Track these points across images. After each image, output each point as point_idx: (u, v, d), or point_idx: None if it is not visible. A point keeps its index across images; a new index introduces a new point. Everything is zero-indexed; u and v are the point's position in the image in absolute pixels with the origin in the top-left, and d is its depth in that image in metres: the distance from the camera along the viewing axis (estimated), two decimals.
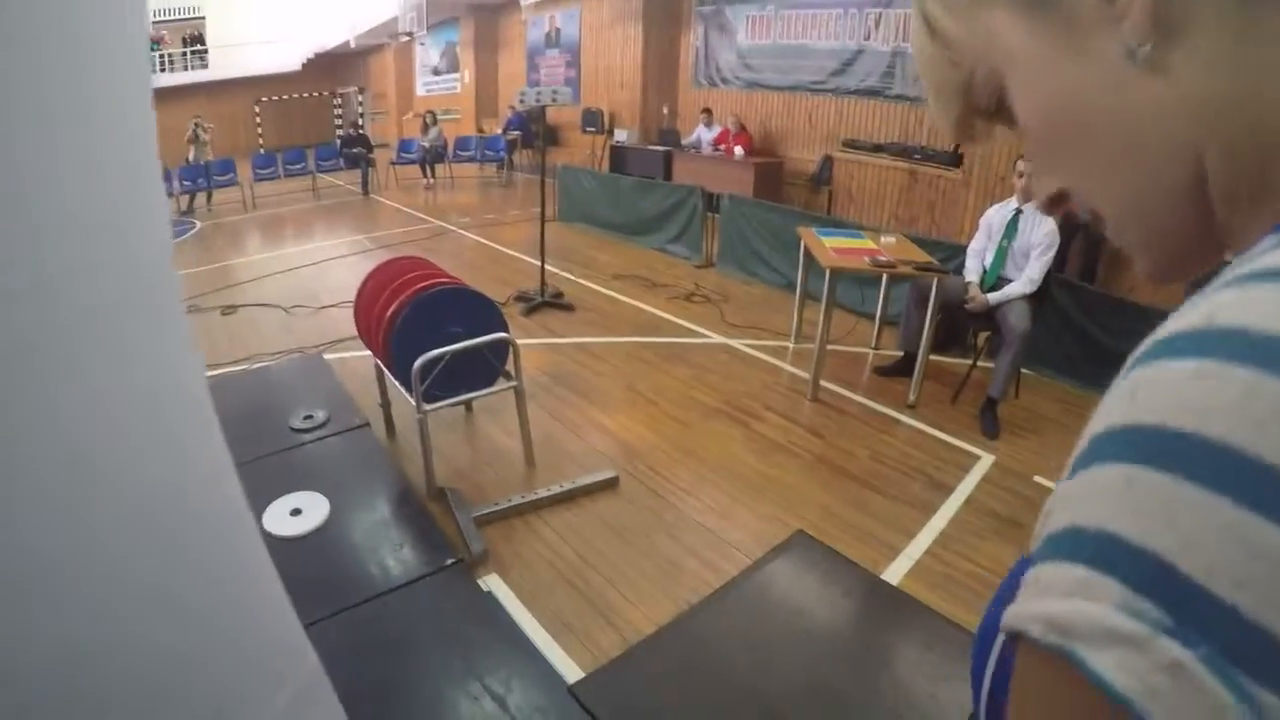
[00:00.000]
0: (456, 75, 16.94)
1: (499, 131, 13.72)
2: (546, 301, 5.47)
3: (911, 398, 4.30)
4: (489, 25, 15.70)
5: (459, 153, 13.28)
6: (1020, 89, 0.41)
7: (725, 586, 2.59)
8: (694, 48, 11.07)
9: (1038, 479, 3.67)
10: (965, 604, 2.68)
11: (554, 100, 5.35)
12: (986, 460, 3.81)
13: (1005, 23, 0.40)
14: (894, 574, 2.84)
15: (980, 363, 4.48)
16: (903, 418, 4.19)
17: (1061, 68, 0.38)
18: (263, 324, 5.40)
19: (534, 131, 13.12)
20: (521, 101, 5.42)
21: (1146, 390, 0.27)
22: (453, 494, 3.09)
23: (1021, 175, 4.27)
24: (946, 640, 2.30)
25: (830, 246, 4.53)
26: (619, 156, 10.91)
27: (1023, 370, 4.42)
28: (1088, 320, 4.92)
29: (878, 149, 8.69)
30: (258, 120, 19.55)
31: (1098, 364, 4.87)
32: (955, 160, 7.81)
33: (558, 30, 13.36)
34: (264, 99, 19.64)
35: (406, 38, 17.23)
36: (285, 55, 19.62)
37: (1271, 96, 0.32)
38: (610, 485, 3.25)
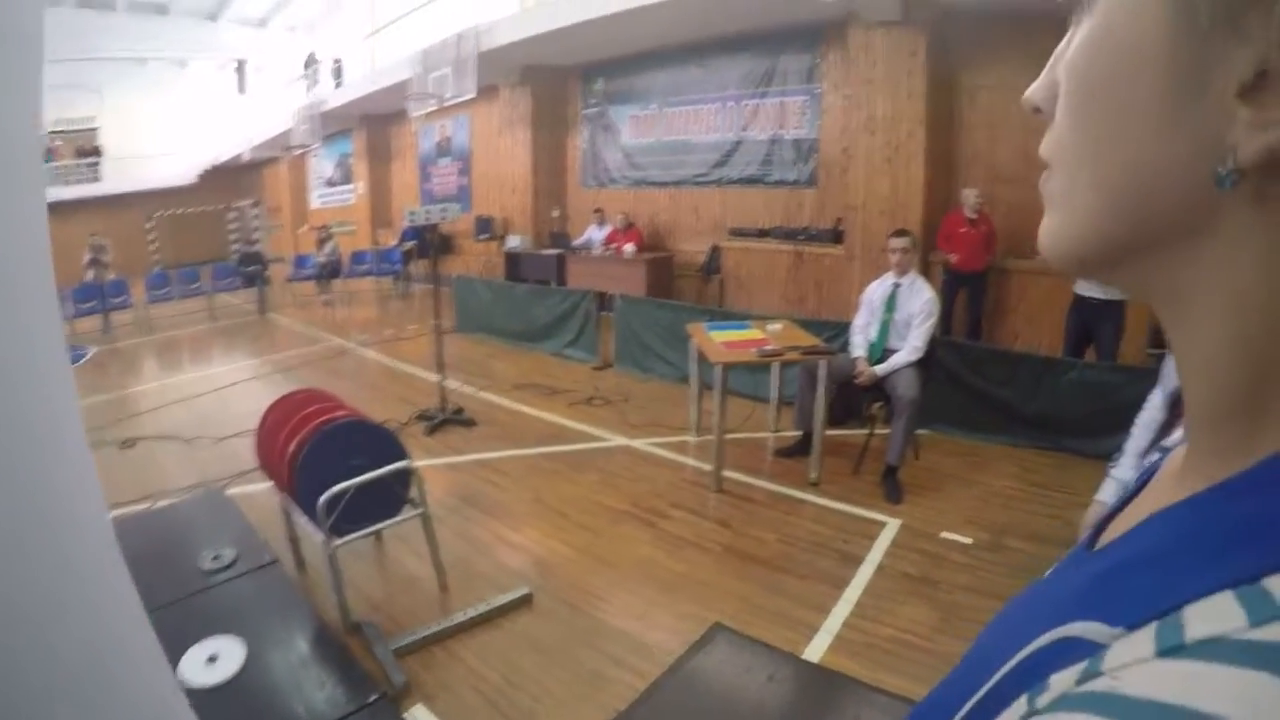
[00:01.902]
0: (351, 186, 16.98)
1: (395, 243, 13.72)
2: (448, 419, 5.46)
3: (813, 475, 4.42)
4: (381, 135, 15.87)
5: (356, 266, 13.21)
6: (1090, 26, 0.35)
7: (649, 689, 2.59)
8: (581, 149, 11.44)
9: (944, 535, 3.83)
10: (889, 668, 2.75)
11: (443, 216, 5.44)
12: (893, 525, 3.94)
13: None
14: (815, 651, 2.88)
15: (877, 430, 4.64)
16: (807, 496, 4.30)
17: (1146, 58, 0.32)
18: (164, 457, 5.23)
19: (429, 242, 13.31)
20: (412, 220, 5.48)
21: None
22: (370, 627, 3.03)
23: (895, 251, 4.55)
24: (874, 706, 2.37)
25: (719, 341, 4.69)
26: (513, 262, 11.03)
27: (918, 432, 4.60)
28: (974, 375, 5.23)
29: (763, 234, 9.04)
30: (152, 236, 18.98)
31: (989, 413, 5.17)
32: (837, 238, 8.21)
33: (448, 138, 13.64)
34: (159, 213, 19.17)
35: (301, 150, 17.32)
36: (181, 167, 19.59)
37: None
38: (526, 602, 3.23)
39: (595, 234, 10.36)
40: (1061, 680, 0.30)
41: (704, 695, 2.59)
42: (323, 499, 2.84)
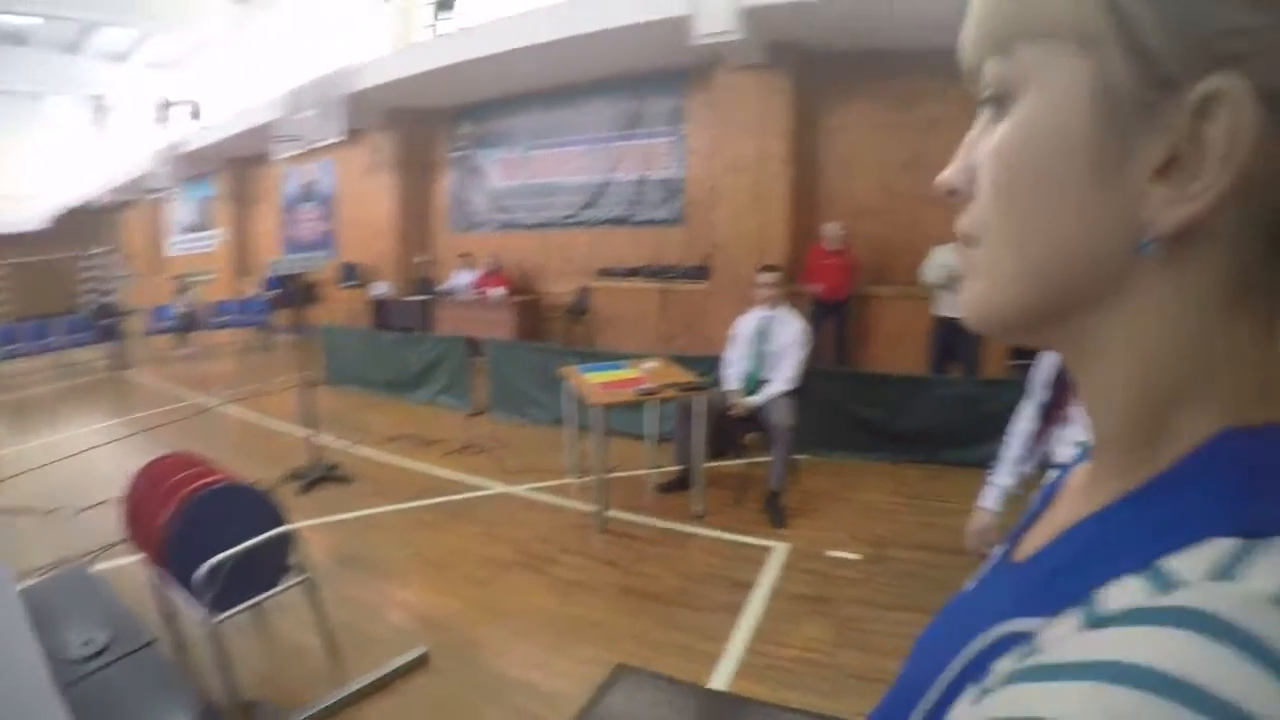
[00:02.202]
0: (212, 232, 16.05)
1: (257, 292, 13.04)
2: (322, 477, 5.17)
3: (697, 508, 4.41)
4: (244, 179, 15.09)
5: (217, 316, 12.51)
6: (1017, 118, 0.39)
7: None
8: (448, 193, 11.29)
9: (831, 553, 3.89)
10: (795, 686, 2.77)
11: (308, 266, 5.21)
12: (781, 549, 3.96)
13: (1064, 59, 0.37)
14: (721, 679, 2.85)
15: (755, 459, 4.70)
16: (693, 529, 4.28)
17: (1072, 149, 0.37)
18: (19, 533, 4.70)
19: (292, 291, 12.76)
20: (276, 270, 5.23)
21: None
22: (261, 707, 2.78)
23: (764, 287, 4.64)
24: None
25: (595, 382, 4.64)
26: (379, 310, 10.73)
27: (796, 457, 4.67)
28: (845, 398, 5.40)
29: (631, 273, 9.17)
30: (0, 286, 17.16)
31: (861, 433, 5.35)
32: (704, 275, 8.37)
33: (313, 183, 13.17)
34: (8, 260, 17.27)
35: (159, 193, 16.34)
36: (33, 211, 18.07)
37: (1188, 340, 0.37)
38: (422, 662, 3.04)
39: (462, 278, 10.20)
40: (1003, 665, 0.35)
41: None
42: (201, 571, 2.59)
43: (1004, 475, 2.19)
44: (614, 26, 7.22)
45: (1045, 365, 2.10)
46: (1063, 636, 0.32)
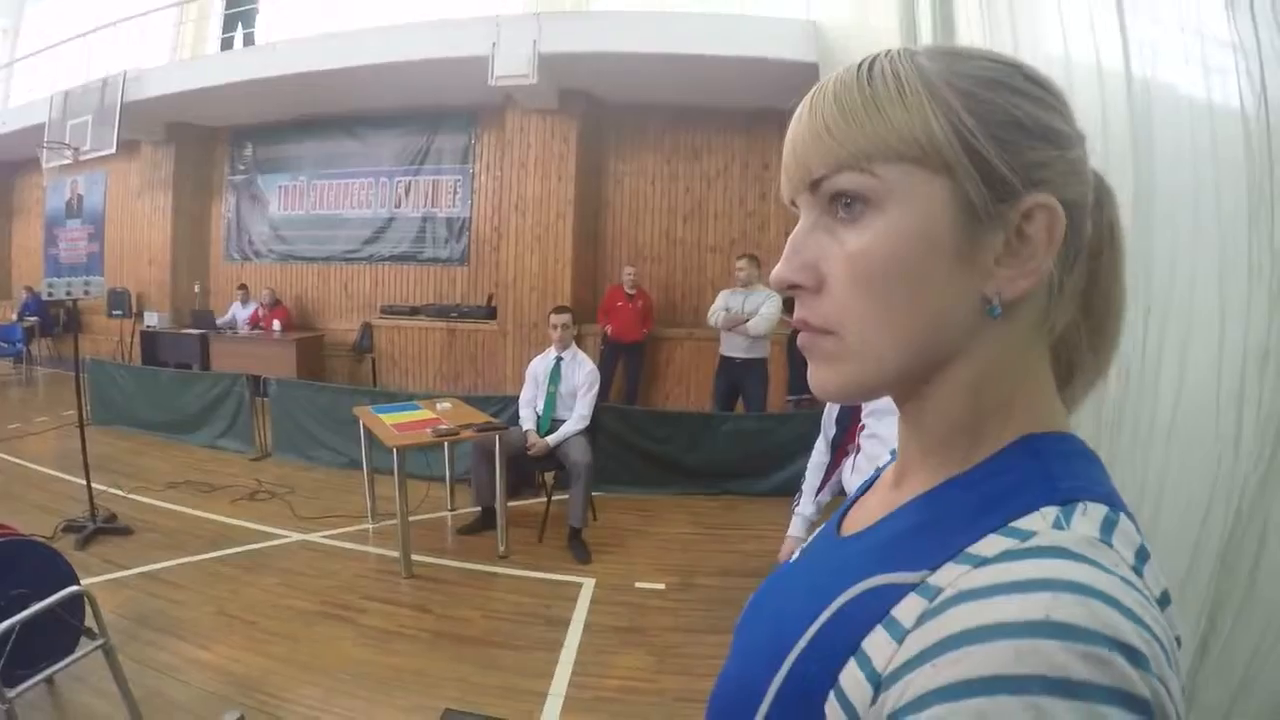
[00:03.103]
0: None
1: (14, 318, 11.40)
2: (100, 528, 4.63)
3: (501, 549, 4.42)
4: (4, 187, 12.84)
5: None
6: (886, 224, 0.49)
7: None
8: (226, 219, 10.44)
9: (639, 584, 4.05)
10: (623, 715, 2.89)
11: (86, 292, 4.67)
12: (589, 584, 4.06)
13: (922, 178, 0.48)
14: (550, 716, 2.89)
15: (555, 496, 4.77)
16: (499, 569, 4.28)
17: (939, 247, 0.48)
18: None
19: (54, 317, 11.23)
20: (50, 294, 4.65)
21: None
22: None
23: (556, 328, 4.75)
24: None
25: (390, 424, 4.54)
26: (151, 343, 9.67)
27: (595, 493, 4.78)
28: (638, 435, 5.59)
29: (415, 311, 8.97)
30: None
31: (655, 469, 5.56)
32: (490, 314, 8.38)
33: (80, 198, 11.58)
34: None
35: None
36: None
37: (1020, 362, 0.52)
38: None
39: (239, 312, 9.50)
40: (906, 609, 0.45)
41: None
42: None
43: (806, 505, 2.40)
44: (415, 59, 7.13)
45: (833, 406, 2.34)
46: (962, 574, 0.43)
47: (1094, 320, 0.56)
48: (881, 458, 1.98)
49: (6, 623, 2.30)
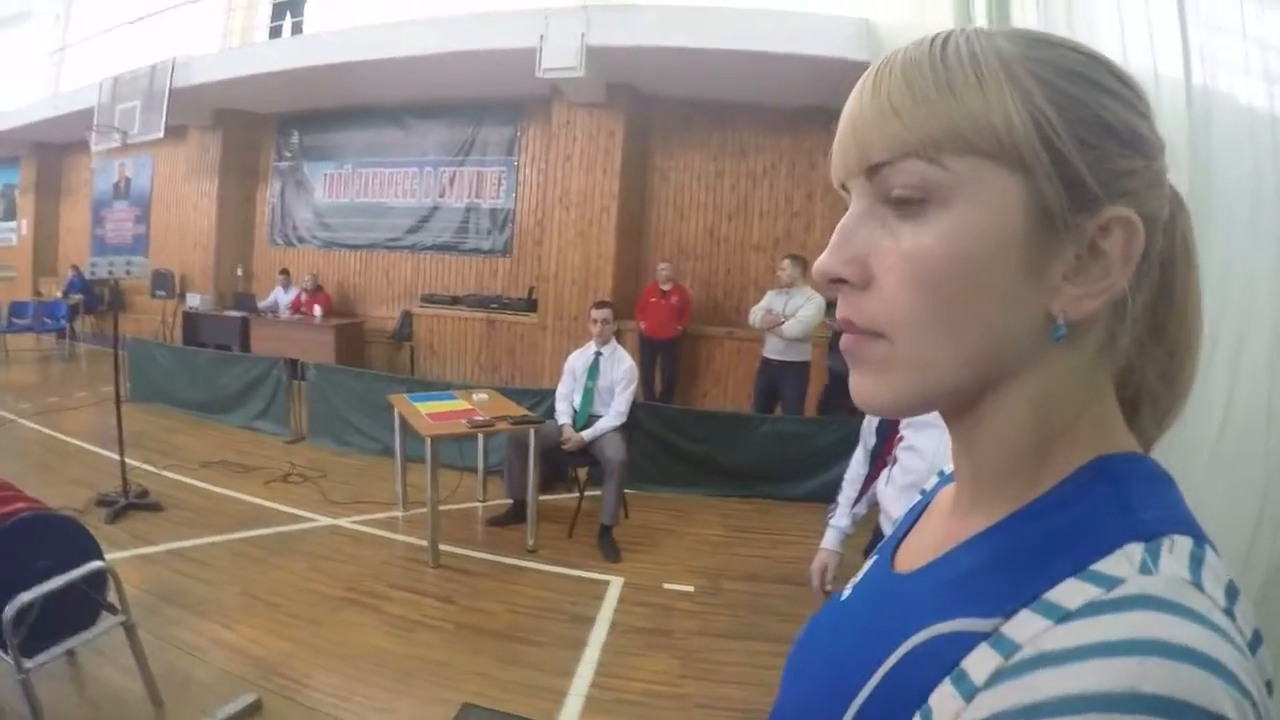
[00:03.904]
0: (12, 224, 13.87)
1: (59, 295, 11.62)
2: (131, 504, 4.69)
3: (530, 542, 4.38)
4: (53, 168, 13.23)
5: (14, 320, 10.91)
6: (951, 222, 0.44)
7: None
8: (270, 205, 10.60)
9: (667, 586, 3.98)
10: (645, 718, 2.82)
11: (128, 272, 4.69)
12: (617, 583, 4.00)
13: (996, 175, 0.43)
14: (570, 716, 2.84)
15: (588, 492, 4.72)
16: (527, 564, 4.24)
17: (1007, 254, 0.43)
18: None
19: (98, 296, 11.47)
20: (93, 272, 4.69)
21: None
22: None
23: (596, 322, 4.69)
24: None
25: (426, 413, 4.53)
26: (192, 324, 9.86)
27: (627, 491, 4.73)
28: (674, 434, 5.53)
29: (455, 301, 9.00)
30: None
31: (690, 469, 5.49)
32: (531, 306, 8.36)
33: (128, 180, 11.87)
34: None
35: None
36: None
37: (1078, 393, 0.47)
38: (255, 711, 2.79)
39: (281, 296, 9.64)
40: (977, 663, 0.40)
41: None
42: (9, 613, 2.28)
43: (841, 517, 2.31)
44: (463, 50, 7.14)
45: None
46: (1040, 632, 0.38)
47: (1166, 345, 0.51)
48: (918, 471, 1.91)
49: (28, 595, 2.31)
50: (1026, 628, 0.39)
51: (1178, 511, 0.44)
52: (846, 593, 0.65)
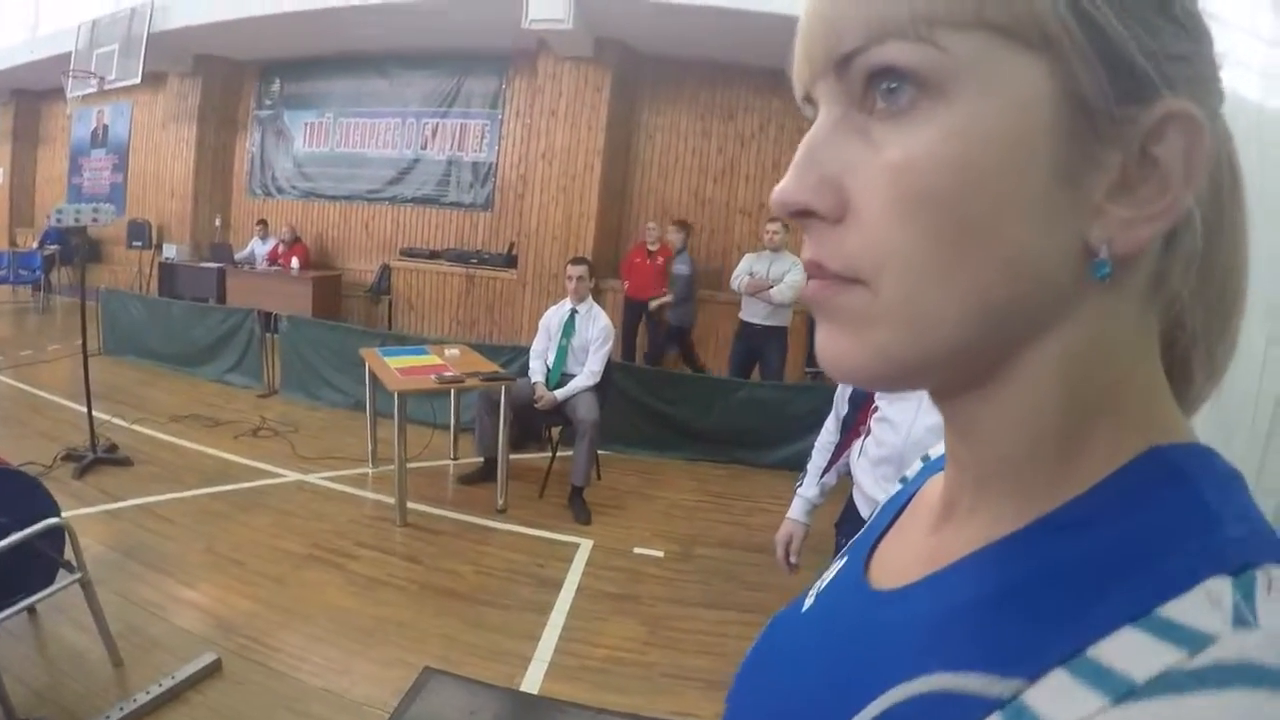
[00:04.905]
0: None
1: (35, 246, 11.33)
2: (100, 458, 4.60)
3: (500, 502, 4.34)
4: (30, 115, 12.77)
5: None
6: (953, 120, 0.32)
7: None
8: (249, 154, 10.35)
9: (637, 550, 3.95)
10: (608, 687, 2.78)
11: (95, 219, 4.57)
12: (586, 545, 3.97)
13: (1010, 55, 0.31)
14: (533, 682, 2.80)
15: (559, 453, 4.68)
16: (496, 524, 4.21)
17: (1029, 164, 0.32)
18: None
19: (76, 247, 11.32)
20: (59, 220, 4.57)
21: None
22: None
23: (572, 279, 4.61)
24: None
25: (395, 367, 4.46)
26: (169, 275, 9.67)
27: (600, 452, 4.70)
28: (648, 396, 5.48)
29: (435, 255, 8.88)
30: None
31: (664, 431, 5.46)
32: (511, 262, 8.25)
33: (106, 128, 11.57)
34: None
35: None
36: None
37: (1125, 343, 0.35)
38: (215, 670, 2.75)
39: (258, 248, 9.45)
40: None
41: None
42: None
43: (809, 487, 2.23)
44: None
45: None
46: (1093, 714, 0.26)
47: (1215, 288, 0.37)
48: (891, 445, 1.84)
49: None
50: (1066, 704, 0.28)
51: (1259, 526, 0.31)
52: (809, 601, 0.51)
